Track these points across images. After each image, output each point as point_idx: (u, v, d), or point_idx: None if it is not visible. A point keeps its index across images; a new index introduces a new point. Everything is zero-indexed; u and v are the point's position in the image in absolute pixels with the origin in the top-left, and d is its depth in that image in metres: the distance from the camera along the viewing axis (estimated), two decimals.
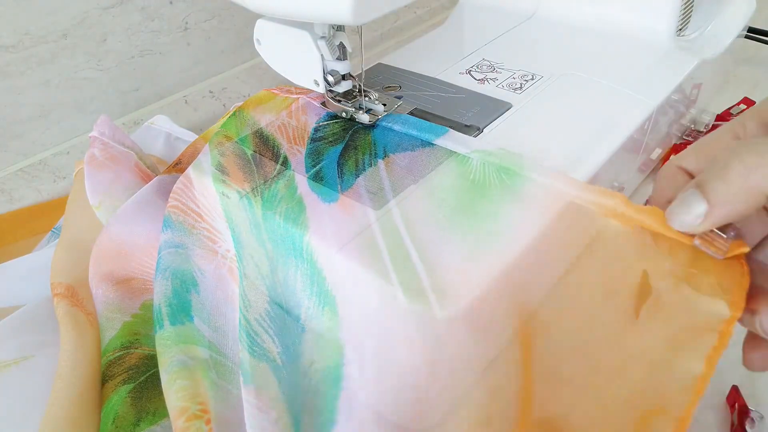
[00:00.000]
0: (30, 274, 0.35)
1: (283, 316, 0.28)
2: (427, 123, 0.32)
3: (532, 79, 0.39)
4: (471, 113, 0.35)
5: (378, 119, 0.32)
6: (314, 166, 0.30)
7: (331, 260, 0.25)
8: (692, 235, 0.21)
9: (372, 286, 0.23)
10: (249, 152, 0.31)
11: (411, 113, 0.34)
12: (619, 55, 0.42)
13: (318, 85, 0.32)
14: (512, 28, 0.46)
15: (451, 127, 0.34)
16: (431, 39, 0.47)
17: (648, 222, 0.23)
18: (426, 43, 0.46)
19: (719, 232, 0.21)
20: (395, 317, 0.23)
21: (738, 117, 0.25)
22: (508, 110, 0.35)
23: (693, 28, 0.47)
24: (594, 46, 0.43)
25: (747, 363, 0.23)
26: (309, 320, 0.27)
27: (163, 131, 0.47)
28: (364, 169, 0.29)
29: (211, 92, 0.55)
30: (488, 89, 0.38)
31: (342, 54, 0.32)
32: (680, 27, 0.44)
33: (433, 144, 0.31)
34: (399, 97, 0.36)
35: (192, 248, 0.32)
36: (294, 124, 0.33)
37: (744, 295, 0.20)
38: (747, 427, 0.28)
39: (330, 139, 0.32)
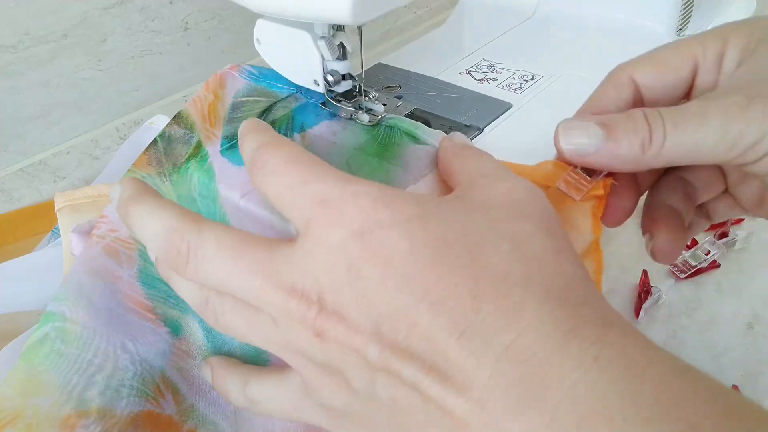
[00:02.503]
0: (30, 274, 0.35)
1: None
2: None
3: (532, 79, 0.39)
4: (471, 113, 0.35)
5: (380, 119, 0.32)
6: (230, 146, 0.30)
7: (238, 211, 0.26)
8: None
9: (274, 230, 0.25)
10: (163, 133, 0.30)
11: (411, 113, 0.34)
12: (619, 55, 0.41)
13: (318, 85, 0.32)
14: (512, 28, 0.46)
15: (450, 127, 0.34)
16: (431, 39, 0.47)
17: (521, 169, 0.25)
18: (426, 43, 0.46)
19: (585, 174, 0.23)
20: None
21: (699, 35, 0.24)
22: (508, 110, 0.35)
23: (693, 28, 0.47)
24: (594, 46, 0.43)
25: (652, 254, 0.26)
26: None
27: None
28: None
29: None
30: (488, 89, 0.38)
31: (342, 54, 0.32)
32: (680, 27, 0.44)
33: (349, 119, 0.32)
34: (399, 97, 0.36)
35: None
36: (210, 99, 0.31)
37: (598, 224, 0.24)
38: None
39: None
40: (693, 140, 0.20)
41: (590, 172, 0.23)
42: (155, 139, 0.29)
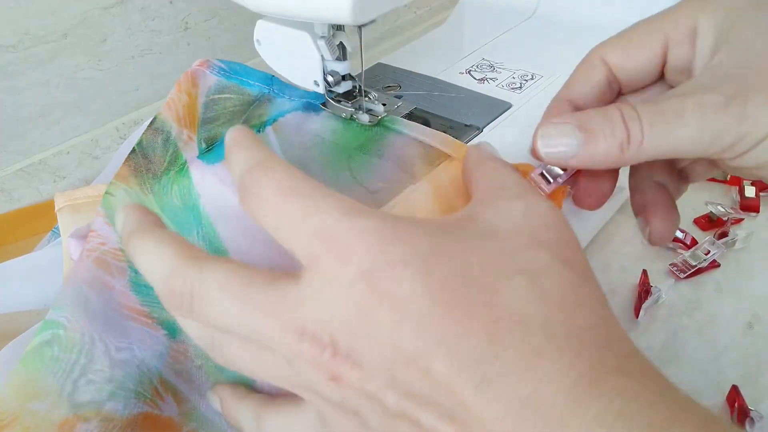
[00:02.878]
0: (30, 274, 0.35)
1: None
2: (314, 92, 0.33)
3: (532, 79, 0.39)
4: (471, 113, 0.35)
5: (379, 119, 0.32)
6: (208, 150, 0.30)
7: (223, 216, 0.26)
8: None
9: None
10: (140, 141, 0.30)
11: (411, 113, 0.34)
12: None
13: (318, 85, 0.32)
14: (512, 27, 0.46)
15: (450, 127, 0.34)
16: (431, 39, 0.47)
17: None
18: (426, 43, 0.46)
19: (543, 180, 0.24)
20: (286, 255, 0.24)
21: (670, 9, 0.23)
22: (508, 110, 0.35)
23: None
24: (594, 45, 0.43)
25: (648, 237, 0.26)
26: None
27: None
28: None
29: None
30: (488, 89, 0.38)
31: (342, 54, 0.32)
32: None
33: (322, 109, 0.33)
34: (399, 97, 0.36)
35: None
36: (185, 100, 0.31)
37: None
38: (747, 427, 0.28)
39: (222, 120, 0.31)
40: (671, 139, 0.20)
41: (553, 175, 0.24)
42: (134, 148, 0.29)
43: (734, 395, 0.29)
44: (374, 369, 0.16)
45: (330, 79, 0.32)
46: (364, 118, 0.32)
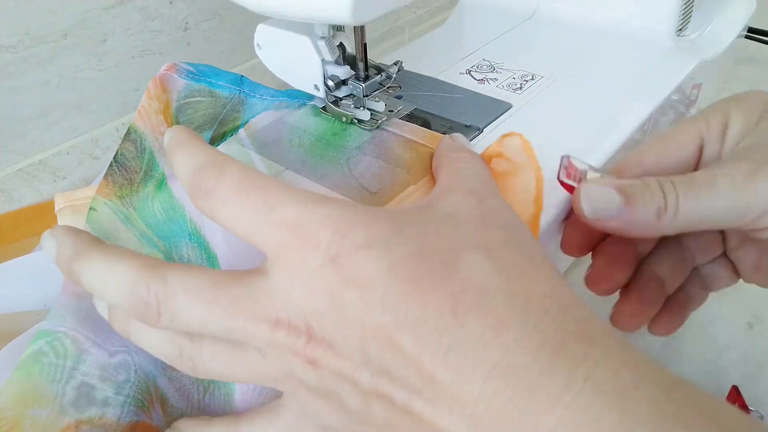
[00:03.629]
0: (30, 274, 0.35)
1: None
2: (296, 91, 0.33)
3: (532, 79, 0.39)
4: (471, 113, 0.35)
5: (379, 123, 0.32)
6: None
7: (209, 224, 0.26)
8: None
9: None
10: (116, 154, 0.30)
11: (411, 113, 0.34)
12: (619, 55, 0.42)
13: (318, 89, 0.32)
14: (512, 28, 0.46)
15: (450, 127, 0.34)
16: (431, 39, 0.47)
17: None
18: (426, 43, 0.46)
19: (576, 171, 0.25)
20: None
21: (702, 112, 0.25)
22: (508, 110, 0.35)
23: (693, 28, 0.47)
24: (594, 46, 0.43)
25: (614, 321, 0.27)
26: None
27: None
28: (224, 140, 0.31)
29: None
30: (488, 89, 0.38)
31: (342, 55, 0.32)
32: (680, 27, 0.44)
33: (305, 104, 0.33)
34: (399, 97, 0.36)
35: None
36: (156, 106, 0.30)
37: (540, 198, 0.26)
38: None
39: (195, 125, 0.31)
40: (705, 207, 0.21)
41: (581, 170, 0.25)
42: (111, 163, 0.29)
43: (734, 395, 0.29)
44: (347, 349, 0.17)
45: (330, 83, 0.32)
46: (365, 114, 0.32)
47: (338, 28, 0.31)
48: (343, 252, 0.17)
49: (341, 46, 0.32)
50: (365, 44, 0.31)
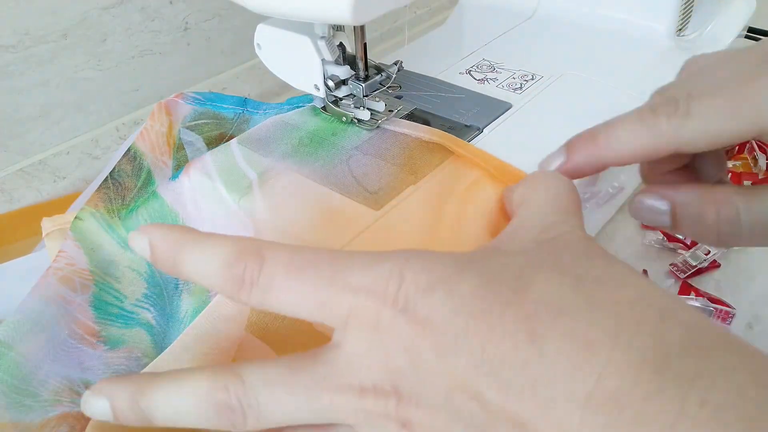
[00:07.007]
0: (30, 275, 0.35)
1: (161, 290, 0.29)
2: (295, 98, 0.34)
3: (532, 79, 0.39)
4: (471, 113, 0.35)
5: (379, 123, 0.32)
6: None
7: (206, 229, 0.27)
8: None
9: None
10: (113, 170, 0.30)
11: (411, 113, 0.34)
12: (619, 55, 0.42)
13: (318, 89, 0.32)
14: (512, 28, 0.46)
15: (450, 127, 0.34)
16: (431, 39, 0.47)
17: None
18: (426, 43, 0.46)
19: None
20: None
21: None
22: (508, 110, 0.35)
23: (693, 28, 0.47)
24: (594, 46, 0.43)
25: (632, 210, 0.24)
26: (183, 284, 0.29)
27: None
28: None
29: (211, 92, 0.55)
30: (488, 89, 0.38)
31: (342, 55, 0.32)
32: (680, 27, 0.44)
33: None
34: (399, 97, 0.36)
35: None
36: (158, 128, 0.31)
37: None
38: None
39: (198, 146, 0.32)
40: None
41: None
42: (107, 177, 0.30)
43: None
44: (436, 404, 0.16)
45: (330, 83, 0.32)
46: (365, 114, 0.32)
47: (338, 28, 0.31)
48: (410, 299, 0.16)
49: (341, 45, 0.31)
50: (365, 44, 0.31)
